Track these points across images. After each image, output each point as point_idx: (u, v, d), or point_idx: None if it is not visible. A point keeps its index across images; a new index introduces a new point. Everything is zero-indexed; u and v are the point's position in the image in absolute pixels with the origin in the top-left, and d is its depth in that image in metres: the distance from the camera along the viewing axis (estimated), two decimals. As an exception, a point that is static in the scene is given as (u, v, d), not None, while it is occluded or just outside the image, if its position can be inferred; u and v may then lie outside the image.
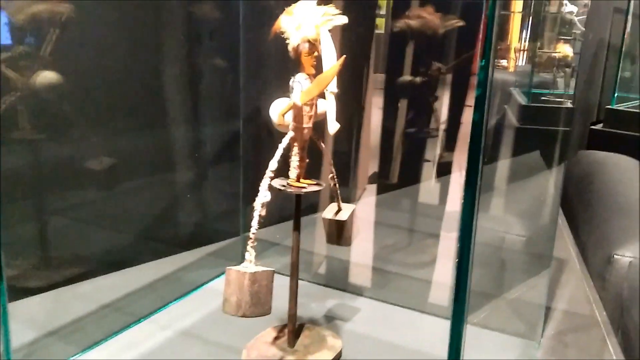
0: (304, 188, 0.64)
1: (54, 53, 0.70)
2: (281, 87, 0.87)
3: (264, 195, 0.60)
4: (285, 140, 0.62)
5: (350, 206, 0.74)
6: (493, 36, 0.38)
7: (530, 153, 0.90)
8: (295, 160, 0.64)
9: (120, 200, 0.86)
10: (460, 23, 0.91)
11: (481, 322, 0.79)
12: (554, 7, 1.25)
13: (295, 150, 0.64)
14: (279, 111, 0.63)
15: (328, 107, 0.63)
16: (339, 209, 0.73)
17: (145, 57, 0.85)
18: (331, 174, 0.70)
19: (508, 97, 1.06)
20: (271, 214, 0.60)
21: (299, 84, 0.61)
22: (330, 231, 0.74)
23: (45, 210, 0.78)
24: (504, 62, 1.13)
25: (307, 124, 0.63)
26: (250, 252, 0.58)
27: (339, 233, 0.73)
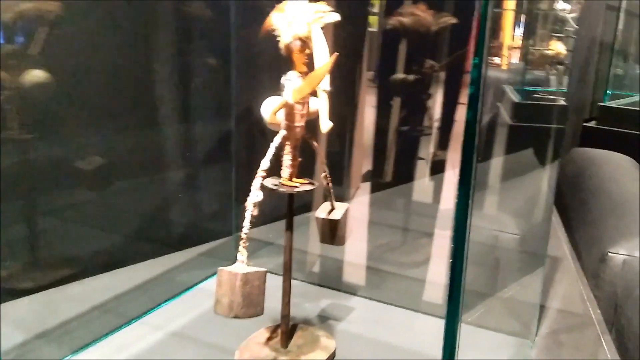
0: (297, 187, 0.64)
1: (43, 52, 0.69)
2: (273, 85, 0.87)
3: (256, 195, 0.59)
4: (278, 139, 0.62)
5: (344, 205, 0.73)
6: (486, 34, 0.37)
7: (524, 151, 0.90)
8: (287, 159, 0.64)
9: (111, 200, 0.85)
10: (453, 20, 0.91)
11: (475, 321, 0.78)
12: (547, 5, 1.25)
13: (287, 149, 0.63)
14: (270, 110, 0.63)
15: (320, 105, 0.62)
16: (333, 208, 0.72)
17: (136, 56, 0.84)
18: (324, 173, 0.69)
19: (501, 95, 1.06)
20: (264, 213, 0.60)
21: (290, 82, 0.61)
22: (324, 230, 0.73)
23: (35, 211, 0.77)
24: (496, 60, 1.13)
25: (300, 122, 0.63)
26: (242, 253, 0.58)
27: (332, 232, 0.73)
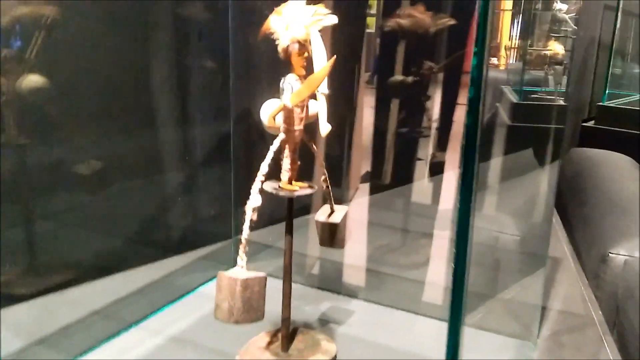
0: (296, 191, 0.63)
1: (40, 56, 0.68)
2: (272, 88, 0.86)
3: (255, 199, 0.59)
4: (277, 143, 0.61)
5: (343, 208, 0.73)
6: (487, 35, 0.37)
7: (523, 151, 0.90)
8: (286, 162, 0.63)
9: (109, 204, 0.84)
10: (452, 22, 0.91)
11: (477, 323, 0.78)
12: (545, 5, 1.25)
13: (286, 152, 0.63)
14: (269, 113, 0.62)
15: (319, 109, 0.62)
16: (332, 211, 0.72)
17: (133, 59, 0.83)
18: (323, 176, 0.69)
19: (499, 95, 1.06)
20: (263, 216, 0.60)
21: (289, 85, 0.61)
22: (323, 234, 0.73)
23: (33, 215, 0.76)
24: (494, 60, 1.13)
25: (298, 125, 0.62)
26: (242, 258, 0.58)
27: (332, 235, 0.72)
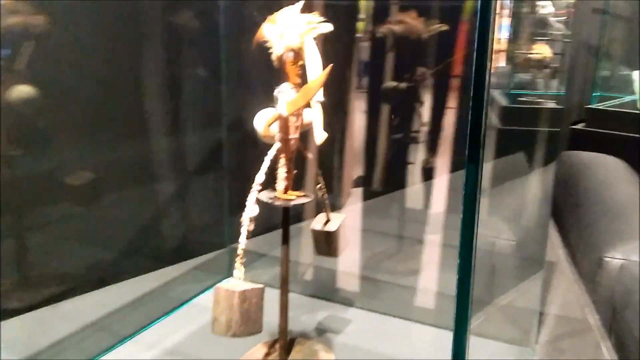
0: (293, 200, 0.62)
1: (29, 66, 0.67)
2: (265, 96, 0.85)
3: (252, 210, 0.58)
4: (272, 152, 0.61)
5: (340, 216, 0.72)
6: (490, 37, 0.37)
7: (514, 155, 0.90)
8: (282, 172, 0.63)
9: (100, 215, 0.83)
10: (444, 27, 0.90)
11: (474, 330, 0.78)
12: (532, 8, 1.26)
13: (282, 161, 0.62)
14: (264, 122, 0.62)
15: (314, 117, 0.61)
16: (328, 220, 0.71)
17: (124, 68, 0.83)
18: (319, 184, 0.68)
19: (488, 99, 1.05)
20: (257, 225, 0.59)
21: (284, 94, 0.60)
22: (319, 242, 0.72)
23: (23, 228, 0.75)
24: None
25: (294, 134, 0.62)
26: (239, 269, 0.57)
27: (328, 244, 0.72)
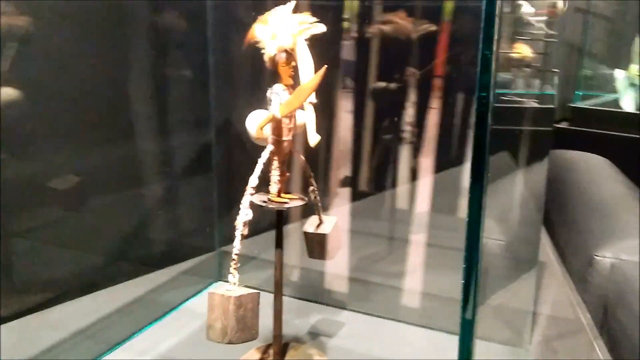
0: (286, 203, 0.62)
1: (13, 69, 0.66)
2: (254, 97, 0.84)
3: (246, 214, 0.57)
4: (265, 155, 0.60)
5: (332, 218, 0.72)
6: (494, 36, 0.36)
7: (499, 154, 0.90)
8: (275, 174, 0.62)
9: (87, 219, 0.82)
10: (433, 28, 0.90)
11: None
12: (512, 8, 1.26)
13: (275, 164, 0.61)
14: (257, 124, 0.61)
15: (307, 119, 0.60)
16: (321, 222, 0.70)
17: (110, 70, 0.81)
18: (312, 187, 0.67)
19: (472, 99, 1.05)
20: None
21: (277, 95, 0.59)
22: (312, 245, 0.71)
23: (8, 234, 0.73)
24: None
25: (287, 136, 0.61)
26: (233, 275, 0.56)
27: (321, 247, 0.71)
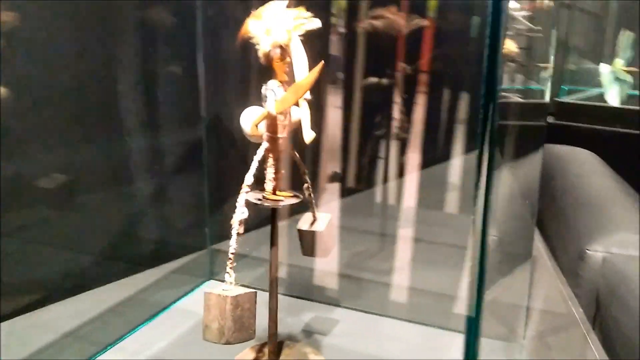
0: (282, 201, 0.61)
1: (-1, 65, 0.64)
2: (245, 93, 0.83)
3: (242, 212, 0.56)
4: (260, 152, 0.59)
5: (326, 215, 0.71)
6: (500, 34, 0.36)
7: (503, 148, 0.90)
8: (270, 172, 0.61)
9: (76, 219, 0.80)
10: (425, 23, 0.90)
11: (459, 327, 0.78)
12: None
13: (270, 161, 0.60)
14: (251, 121, 0.60)
15: (302, 115, 0.60)
16: (315, 219, 0.70)
17: (98, 67, 0.79)
18: (306, 184, 0.66)
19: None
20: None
21: (272, 92, 0.58)
22: (306, 243, 0.70)
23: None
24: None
25: (282, 133, 0.60)
26: (230, 274, 0.55)
27: (315, 244, 0.70)
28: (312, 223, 0.69)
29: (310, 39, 0.64)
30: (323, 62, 0.54)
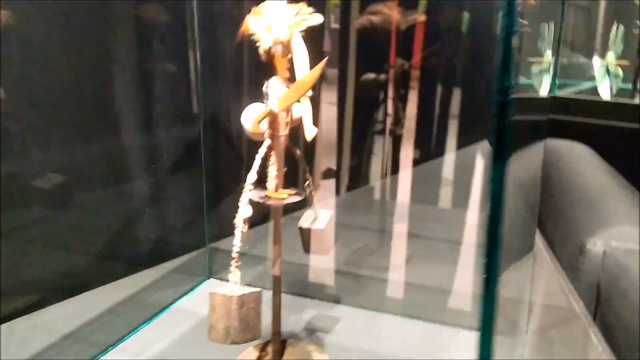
0: (285, 199, 0.60)
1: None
2: (243, 91, 0.83)
3: (246, 210, 0.56)
4: (263, 150, 0.58)
5: (327, 212, 0.70)
6: (515, 29, 0.35)
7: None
8: (273, 169, 0.60)
9: (72, 219, 0.79)
10: (422, 18, 0.90)
11: (460, 323, 0.78)
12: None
13: (272, 159, 0.60)
14: (253, 118, 0.59)
15: (304, 112, 0.59)
16: (316, 217, 0.69)
17: (93, 64, 0.78)
18: (307, 181, 0.66)
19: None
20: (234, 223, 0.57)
21: (273, 89, 0.57)
22: (307, 240, 0.70)
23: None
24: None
25: (284, 131, 0.60)
26: (234, 273, 0.54)
27: (316, 242, 0.70)
28: (313, 221, 0.69)
29: (307, 35, 0.63)
30: (327, 59, 0.54)
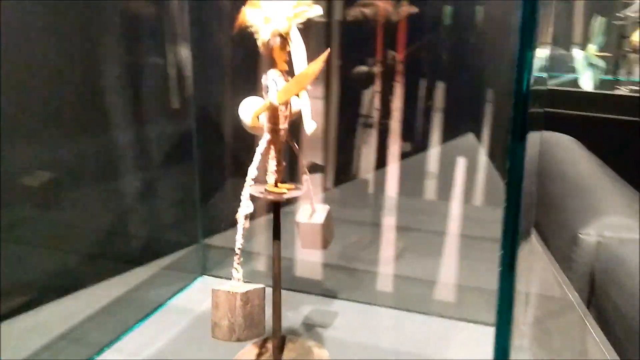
0: (285, 194, 0.60)
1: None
2: (235, 84, 0.81)
3: (247, 206, 0.55)
4: (262, 144, 0.58)
5: (324, 207, 0.70)
6: (535, 25, 0.35)
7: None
8: (272, 164, 0.60)
9: (63, 217, 0.77)
10: (414, 10, 0.89)
11: (456, 315, 0.78)
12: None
13: (272, 153, 0.59)
14: (252, 112, 0.58)
15: (303, 105, 0.58)
16: (313, 211, 0.69)
17: (83, 58, 0.76)
18: (305, 175, 0.65)
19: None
20: (229, 218, 0.56)
21: (273, 82, 0.57)
22: (305, 235, 0.69)
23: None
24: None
25: (283, 124, 0.59)
26: (237, 270, 0.54)
27: (314, 237, 0.69)
28: (311, 215, 0.68)
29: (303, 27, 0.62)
30: (329, 50, 0.53)
